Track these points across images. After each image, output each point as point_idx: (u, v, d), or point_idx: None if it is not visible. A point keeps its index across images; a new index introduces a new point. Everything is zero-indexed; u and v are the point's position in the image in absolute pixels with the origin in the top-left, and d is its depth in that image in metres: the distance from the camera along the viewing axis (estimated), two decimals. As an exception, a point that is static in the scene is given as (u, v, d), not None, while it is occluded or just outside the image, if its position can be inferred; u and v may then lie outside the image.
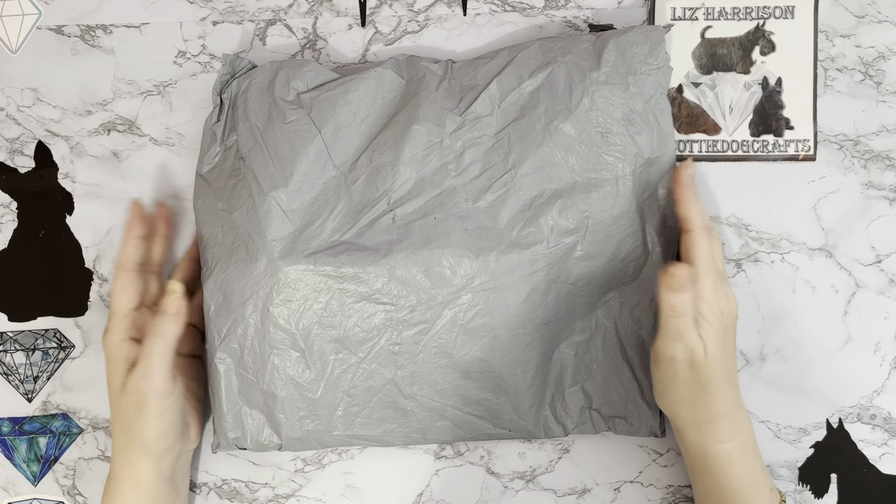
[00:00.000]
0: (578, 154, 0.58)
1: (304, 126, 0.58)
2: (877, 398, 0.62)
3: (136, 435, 0.55)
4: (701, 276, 0.53)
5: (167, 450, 0.56)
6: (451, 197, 0.57)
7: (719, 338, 0.53)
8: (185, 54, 0.65)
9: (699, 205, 0.56)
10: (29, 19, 0.65)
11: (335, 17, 0.65)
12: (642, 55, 0.59)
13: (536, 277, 0.56)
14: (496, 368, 0.57)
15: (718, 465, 0.53)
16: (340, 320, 0.57)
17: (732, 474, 0.53)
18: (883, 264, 0.62)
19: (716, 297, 0.53)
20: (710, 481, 0.54)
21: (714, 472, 0.54)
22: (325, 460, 0.63)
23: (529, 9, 0.64)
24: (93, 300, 0.64)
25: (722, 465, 0.53)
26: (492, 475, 0.63)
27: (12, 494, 0.64)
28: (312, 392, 0.57)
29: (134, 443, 0.55)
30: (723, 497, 0.54)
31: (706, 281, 0.53)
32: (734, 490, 0.53)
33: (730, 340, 0.54)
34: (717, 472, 0.54)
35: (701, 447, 0.54)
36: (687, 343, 0.52)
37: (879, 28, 0.63)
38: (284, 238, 0.56)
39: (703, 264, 0.53)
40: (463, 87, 0.60)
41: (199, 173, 0.61)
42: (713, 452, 0.53)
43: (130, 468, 0.55)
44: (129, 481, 0.55)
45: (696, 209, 0.55)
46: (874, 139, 0.62)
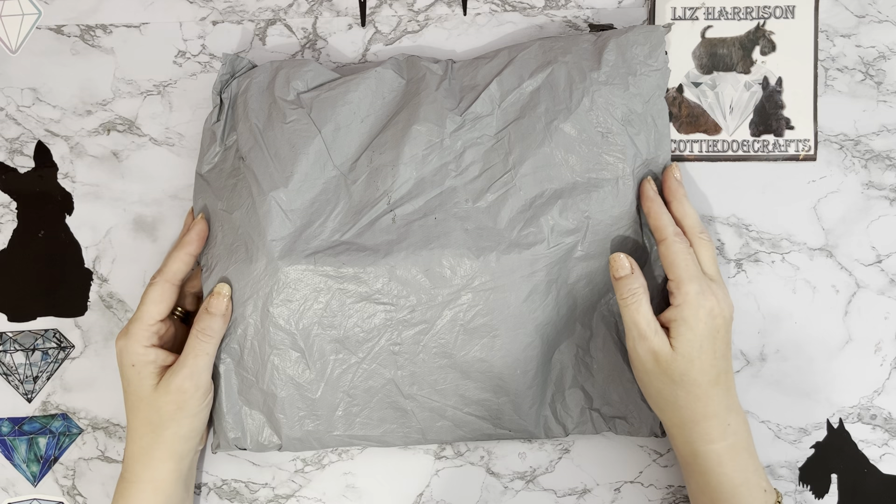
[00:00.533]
0: (579, 154, 0.58)
1: (304, 126, 0.58)
2: (877, 398, 0.62)
3: (168, 434, 0.55)
4: (683, 281, 0.53)
5: (191, 449, 0.57)
6: (451, 197, 0.57)
7: (701, 339, 0.53)
8: (185, 54, 0.65)
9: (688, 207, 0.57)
10: (29, 19, 0.65)
11: (335, 17, 0.65)
12: (642, 56, 0.59)
13: (537, 277, 0.56)
14: (496, 369, 0.57)
15: (709, 465, 0.54)
16: (340, 320, 0.57)
17: (724, 474, 0.53)
18: (883, 264, 0.62)
19: (700, 300, 0.53)
20: (702, 481, 0.54)
21: (705, 472, 0.54)
22: (325, 460, 0.63)
23: (529, 9, 0.64)
24: (92, 300, 0.64)
25: (712, 465, 0.53)
26: (492, 475, 0.62)
27: (12, 495, 0.64)
28: (312, 392, 0.57)
29: (163, 442, 0.55)
30: (715, 497, 0.54)
31: (688, 285, 0.53)
32: (726, 490, 0.53)
33: (719, 342, 0.54)
34: (707, 473, 0.54)
35: (690, 447, 0.54)
36: (642, 332, 0.53)
37: (880, 28, 0.63)
38: (284, 238, 0.56)
39: (682, 269, 0.54)
40: (463, 87, 0.60)
41: (198, 173, 0.61)
42: (703, 453, 0.54)
43: (151, 469, 0.55)
44: (149, 482, 0.55)
45: (665, 218, 0.56)
46: (874, 139, 0.62)
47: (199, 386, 0.55)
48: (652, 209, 0.57)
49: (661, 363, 0.53)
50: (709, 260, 0.56)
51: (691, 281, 0.53)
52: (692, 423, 0.53)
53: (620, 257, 0.55)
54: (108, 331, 0.64)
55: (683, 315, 0.53)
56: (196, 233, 0.58)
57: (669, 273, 0.54)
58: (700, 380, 0.53)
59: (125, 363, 0.56)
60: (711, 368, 0.53)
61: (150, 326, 0.56)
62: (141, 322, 0.56)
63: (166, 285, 0.56)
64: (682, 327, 0.53)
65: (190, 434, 0.56)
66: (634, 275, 0.54)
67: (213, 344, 0.56)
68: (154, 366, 0.55)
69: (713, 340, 0.53)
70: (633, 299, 0.54)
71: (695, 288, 0.53)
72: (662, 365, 0.53)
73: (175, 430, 0.55)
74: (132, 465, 0.56)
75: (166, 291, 0.56)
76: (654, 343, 0.53)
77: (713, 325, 0.53)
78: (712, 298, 0.53)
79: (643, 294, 0.54)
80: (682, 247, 0.54)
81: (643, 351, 0.53)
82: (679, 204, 0.57)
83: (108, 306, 0.64)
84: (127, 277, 0.64)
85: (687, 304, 0.53)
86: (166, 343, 0.58)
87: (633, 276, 0.54)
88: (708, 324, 0.53)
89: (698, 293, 0.53)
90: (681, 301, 0.53)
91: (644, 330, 0.53)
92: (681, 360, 0.53)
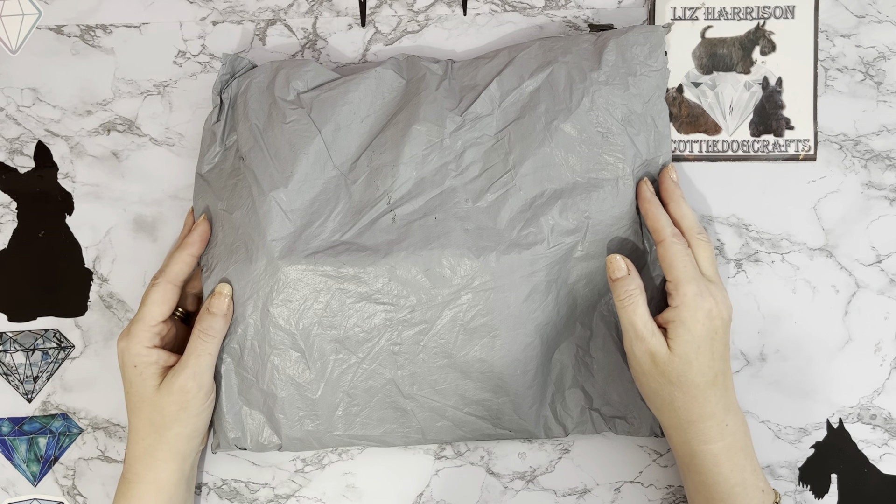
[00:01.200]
0: (579, 154, 0.58)
1: (304, 126, 0.58)
2: (877, 398, 0.62)
3: (171, 434, 0.55)
4: (681, 283, 0.53)
5: (193, 450, 0.57)
6: (451, 197, 0.57)
7: (699, 340, 0.53)
8: (185, 54, 0.65)
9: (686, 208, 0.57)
10: (29, 19, 0.65)
11: (335, 17, 0.65)
12: (642, 56, 0.59)
13: (537, 277, 0.56)
14: (496, 368, 0.57)
15: (705, 465, 0.54)
16: (340, 320, 0.57)
17: (720, 474, 0.53)
18: (883, 264, 0.62)
19: (698, 301, 0.53)
20: (698, 480, 0.54)
21: (701, 471, 0.54)
22: (325, 460, 0.63)
23: (529, 9, 0.64)
24: (92, 300, 0.64)
25: (709, 465, 0.53)
26: (492, 475, 0.62)
27: (12, 494, 0.64)
28: (312, 392, 0.57)
29: (165, 443, 0.55)
30: (711, 497, 0.54)
31: (686, 286, 0.53)
32: (723, 490, 0.53)
33: (717, 343, 0.54)
34: (704, 473, 0.54)
35: (687, 447, 0.54)
36: (639, 333, 0.53)
37: (880, 28, 0.63)
38: (284, 238, 0.56)
39: (680, 270, 0.54)
40: (463, 86, 0.60)
41: (199, 173, 0.61)
42: (699, 453, 0.54)
43: (153, 469, 0.55)
44: (152, 482, 0.55)
45: (663, 219, 0.56)
46: (874, 139, 0.62)
47: (202, 386, 0.55)
48: (649, 210, 0.57)
49: (659, 364, 0.53)
50: (707, 261, 0.56)
51: (689, 282, 0.53)
52: (689, 423, 0.53)
53: (616, 259, 0.55)
54: (109, 331, 0.64)
55: (681, 316, 0.53)
56: (199, 234, 0.58)
57: (667, 274, 0.54)
58: (698, 381, 0.53)
59: (127, 364, 0.56)
60: (709, 370, 0.53)
61: (151, 327, 0.56)
62: (143, 323, 0.56)
63: (168, 286, 0.56)
64: (680, 329, 0.53)
65: (193, 434, 0.56)
66: (631, 276, 0.54)
67: (216, 343, 0.56)
68: (156, 366, 0.55)
69: (711, 342, 0.53)
70: (629, 301, 0.54)
71: (693, 289, 0.53)
72: (660, 366, 0.53)
73: (178, 431, 0.55)
74: (134, 465, 0.56)
75: (168, 292, 0.56)
76: (651, 344, 0.53)
77: (711, 326, 0.53)
78: (710, 300, 0.53)
79: (640, 295, 0.54)
80: (681, 248, 0.54)
81: (640, 352, 0.53)
82: (676, 205, 0.57)
83: (108, 306, 0.64)
84: (127, 277, 0.64)
85: (685, 306, 0.53)
86: (168, 344, 0.58)
87: (629, 277, 0.54)
88: (706, 325, 0.53)
89: (696, 294, 0.53)
90: (679, 302, 0.53)
91: (641, 331, 0.53)
92: (678, 361, 0.53)
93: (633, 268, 0.55)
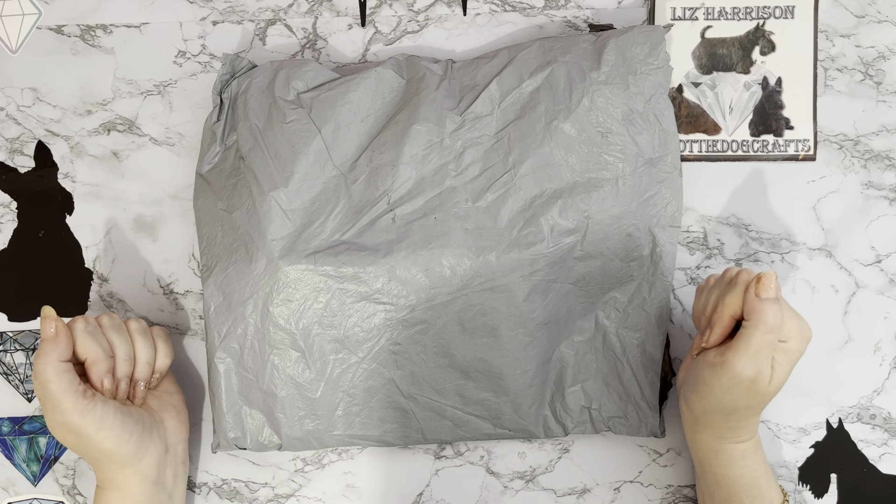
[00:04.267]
0: (578, 154, 0.58)
1: (304, 126, 0.58)
2: (877, 398, 0.62)
3: (97, 451, 0.54)
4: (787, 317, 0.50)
5: (134, 453, 0.54)
6: (451, 197, 0.57)
7: (788, 367, 0.51)
8: (185, 54, 0.65)
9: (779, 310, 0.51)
10: (29, 19, 0.65)
11: (335, 17, 0.65)
12: (642, 55, 0.59)
13: (536, 277, 0.56)
14: (496, 368, 0.57)
15: (732, 459, 0.54)
16: (340, 320, 0.57)
17: (746, 467, 0.54)
18: (883, 264, 0.62)
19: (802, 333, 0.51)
20: (721, 474, 0.55)
21: (726, 465, 0.54)
22: (325, 460, 0.63)
23: (529, 9, 0.64)
24: (92, 300, 0.64)
25: (736, 459, 0.54)
26: (492, 475, 0.63)
27: (12, 494, 0.64)
28: (312, 392, 0.57)
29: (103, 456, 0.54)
30: (735, 488, 0.54)
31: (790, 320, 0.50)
32: (747, 482, 0.54)
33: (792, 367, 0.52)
34: (729, 466, 0.54)
35: (713, 444, 0.54)
36: (758, 365, 0.50)
37: (879, 28, 0.63)
38: (284, 238, 0.56)
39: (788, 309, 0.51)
40: (463, 86, 0.60)
41: (199, 173, 0.61)
42: (727, 449, 0.54)
43: (112, 474, 0.55)
44: (115, 488, 0.55)
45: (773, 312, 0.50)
46: (874, 139, 0.62)
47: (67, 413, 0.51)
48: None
49: (754, 391, 0.51)
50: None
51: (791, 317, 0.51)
52: (731, 430, 0.53)
53: (773, 276, 0.49)
54: (109, 330, 0.64)
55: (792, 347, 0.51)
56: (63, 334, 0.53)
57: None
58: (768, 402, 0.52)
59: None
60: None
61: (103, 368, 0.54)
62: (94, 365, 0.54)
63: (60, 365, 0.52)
64: (783, 357, 0.50)
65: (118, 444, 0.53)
66: (779, 301, 0.50)
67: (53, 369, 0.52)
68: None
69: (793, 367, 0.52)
70: (775, 326, 0.49)
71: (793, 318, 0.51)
72: (753, 392, 0.51)
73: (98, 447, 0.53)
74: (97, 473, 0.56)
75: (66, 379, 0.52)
76: (762, 376, 0.50)
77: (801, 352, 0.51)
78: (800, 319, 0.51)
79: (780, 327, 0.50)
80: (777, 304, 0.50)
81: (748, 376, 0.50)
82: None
83: (108, 306, 0.64)
84: (127, 277, 0.64)
85: (792, 339, 0.50)
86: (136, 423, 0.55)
87: (777, 301, 0.49)
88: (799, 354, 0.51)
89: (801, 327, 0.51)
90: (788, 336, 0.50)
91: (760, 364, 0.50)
92: (773, 390, 0.51)
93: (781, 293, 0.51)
